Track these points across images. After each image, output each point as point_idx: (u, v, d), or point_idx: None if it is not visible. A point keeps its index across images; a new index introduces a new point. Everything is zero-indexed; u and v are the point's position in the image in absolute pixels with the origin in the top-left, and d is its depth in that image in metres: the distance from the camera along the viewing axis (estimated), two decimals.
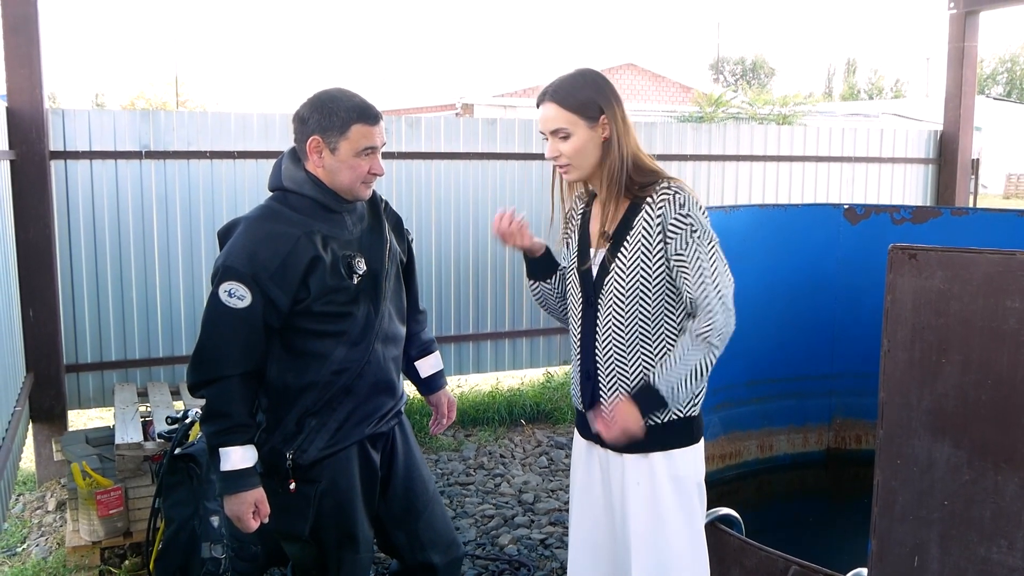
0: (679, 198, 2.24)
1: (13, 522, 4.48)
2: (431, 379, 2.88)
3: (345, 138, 2.39)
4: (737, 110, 18.64)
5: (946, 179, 7.54)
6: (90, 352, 5.16)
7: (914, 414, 1.69)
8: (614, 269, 2.29)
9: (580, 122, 2.29)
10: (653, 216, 2.25)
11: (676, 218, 2.23)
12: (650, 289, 2.27)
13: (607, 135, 2.29)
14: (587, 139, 2.30)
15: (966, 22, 7.13)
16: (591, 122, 2.29)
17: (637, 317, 2.29)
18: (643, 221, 2.26)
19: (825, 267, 4.57)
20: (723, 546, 2.74)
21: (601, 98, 2.29)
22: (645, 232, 2.26)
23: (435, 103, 23.38)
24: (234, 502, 2.36)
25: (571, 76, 2.34)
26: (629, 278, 2.27)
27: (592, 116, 2.29)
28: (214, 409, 2.36)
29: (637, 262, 2.27)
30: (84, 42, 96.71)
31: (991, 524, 1.62)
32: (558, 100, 2.31)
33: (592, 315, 2.36)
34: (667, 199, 2.24)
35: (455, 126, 6.01)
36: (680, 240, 2.23)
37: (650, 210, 2.26)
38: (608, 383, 2.34)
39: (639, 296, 2.28)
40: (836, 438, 4.79)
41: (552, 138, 2.35)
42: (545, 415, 6.11)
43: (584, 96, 2.29)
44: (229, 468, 2.34)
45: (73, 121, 4.99)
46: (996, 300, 1.57)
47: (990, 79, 63.06)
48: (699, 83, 25.80)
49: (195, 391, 2.40)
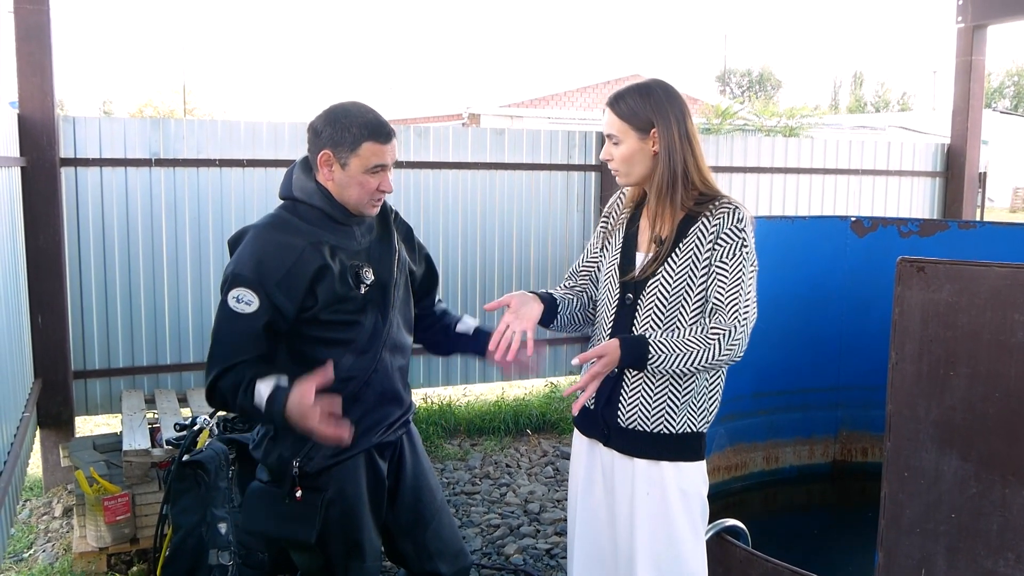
0: (738, 213, 2.28)
1: (20, 528, 4.49)
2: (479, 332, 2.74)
3: (356, 155, 2.41)
4: (744, 122, 18.65)
5: (953, 192, 7.55)
6: (98, 359, 5.18)
7: (922, 427, 1.69)
8: (661, 274, 2.31)
9: (631, 132, 2.31)
10: (708, 228, 2.28)
11: (731, 229, 2.26)
12: (691, 299, 2.29)
13: (657, 149, 2.31)
14: (636, 150, 2.32)
15: (974, 35, 7.14)
16: (642, 134, 2.31)
17: (675, 323, 2.30)
18: (698, 232, 2.29)
19: (832, 279, 4.57)
20: (729, 558, 2.74)
21: (656, 112, 2.30)
22: (698, 243, 2.28)
23: (442, 113, 23.43)
24: (289, 418, 2.28)
25: (635, 85, 2.36)
26: (675, 286, 2.29)
27: (643, 128, 2.31)
28: (232, 385, 2.34)
29: (685, 271, 2.29)
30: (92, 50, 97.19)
31: (998, 537, 1.62)
32: (613, 107, 2.34)
33: (629, 316, 2.36)
34: (726, 212, 2.27)
35: (463, 136, 6.03)
36: (728, 250, 2.25)
37: (706, 222, 2.28)
38: (632, 384, 2.34)
39: (680, 304, 2.29)
40: (842, 450, 4.77)
41: (608, 141, 2.38)
42: (551, 425, 6.10)
43: (638, 108, 2.30)
44: (260, 402, 2.29)
45: (84, 129, 5.03)
46: (1004, 313, 1.57)
47: (997, 93, 63.00)
48: (706, 95, 25.82)
49: (213, 385, 2.37)
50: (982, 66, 7.28)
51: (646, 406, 2.32)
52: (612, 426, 2.37)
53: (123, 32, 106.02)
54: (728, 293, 2.24)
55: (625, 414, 2.34)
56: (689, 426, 2.32)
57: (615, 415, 2.36)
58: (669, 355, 2.21)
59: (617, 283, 2.41)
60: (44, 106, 4.75)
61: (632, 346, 2.23)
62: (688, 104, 2.38)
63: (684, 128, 2.32)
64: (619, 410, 2.36)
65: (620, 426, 2.35)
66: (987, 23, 7.13)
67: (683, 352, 2.21)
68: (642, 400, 2.32)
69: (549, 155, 6.26)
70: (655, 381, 2.31)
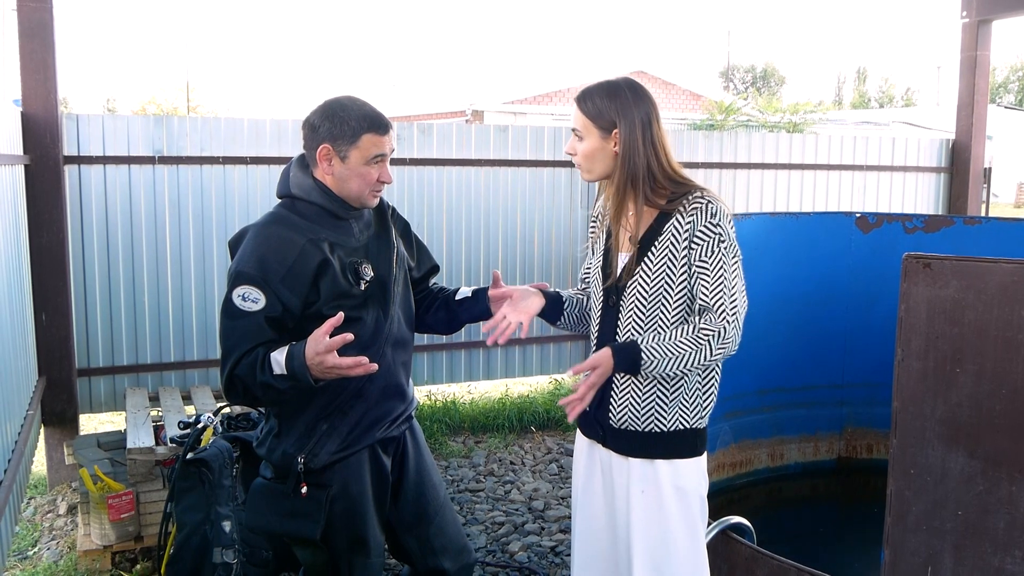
0: (711, 208, 2.25)
1: (24, 526, 4.50)
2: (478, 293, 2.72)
3: (356, 147, 2.41)
4: (747, 118, 18.63)
5: (958, 188, 7.53)
6: (102, 356, 5.18)
7: (928, 424, 1.68)
8: (639, 274, 2.31)
9: (594, 130, 2.31)
10: (683, 224, 2.27)
11: (706, 226, 2.25)
12: (671, 296, 2.29)
13: (617, 149, 2.30)
14: (598, 148, 2.32)
15: (979, 31, 7.12)
16: (604, 133, 2.30)
17: (656, 322, 2.30)
18: (672, 228, 2.28)
19: (837, 276, 4.56)
20: (734, 554, 2.74)
21: (619, 112, 2.28)
22: (673, 240, 2.27)
23: (445, 110, 23.41)
24: (311, 372, 2.27)
25: (604, 84, 2.35)
26: (653, 284, 2.29)
27: (605, 128, 2.30)
28: (249, 367, 2.31)
29: (662, 268, 2.28)
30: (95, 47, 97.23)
31: (1005, 534, 1.61)
32: (580, 103, 2.34)
33: (613, 317, 2.37)
34: (699, 208, 2.26)
35: (467, 133, 6.02)
36: (706, 248, 2.24)
37: (680, 219, 2.27)
38: (621, 385, 2.35)
39: (660, 302, 2.29)
40: (847, 447, 4.77)
41: (573, 135, 2.38)
42: (555, 422, 6.10)
43: (602, 106, 2.29)
44: (279, 368, 2.28)
45: (87, 126, 5.02)
46: (1011, 309, 1.57)
47: (1002, 88, 62.85)
48: (709, 91, 25.77)
49: (231, 378, 2.35)
50: (987, 61, 7.26)
51: (635, 407, 2.33)
52: (606, 427, 2.39)
53: (126, 29, 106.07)
54: (713, 292, 2.23)
55: (616, 415, 2.36)
56: (682, 423, 2.32)
57: (607, 417, 2.38)
58: (662, 359, 2.21)
59: (601, 287, 2.42)
60: (47, 104, 4.75)
61: (624, 353, 2.23)
62: (692, 100, 2.37)
63: (649, 130, 2.29)
64: (611, 412, 2.37)
65: (613, 427, 2.37)
66: (992, 18, 7.11)
67: (675, 355, 2.21)
68: (631, 401, 2.34)
69: (552, 152, 6.25)
70: (643, 382, 2.32)
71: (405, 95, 27.88)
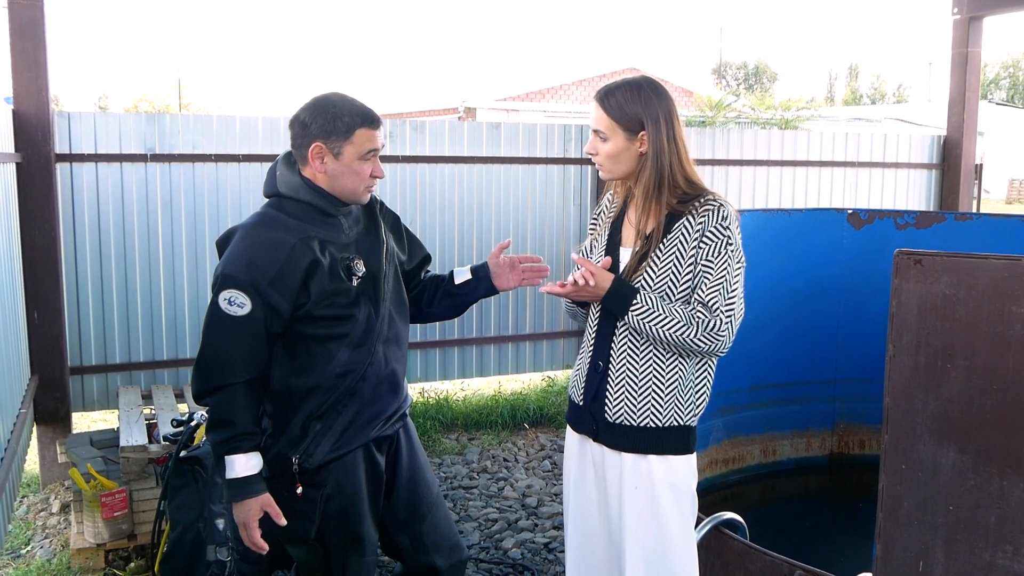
0: (723, 211, 2.28)
1: (17, 524, 4.49)
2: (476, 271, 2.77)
3: (350, 142, 2.41)
4: (739, 114, 18.66)
5: (949, 184, 7.55)
6: (94, 354, 5.17)
7: (919, 419, 1.69)
8: (644, 269, 2.32)
9: (619, 131, 2.31)
10: (694, 225, 2.28)
11: (716, 227, 2.27)
12: (675, 293, 2.30)
13: (644, 150, 2.31)
14: (623, 148, 2.32)
15: (970, 27, 7.14)
16: (630, 134, 2.31)
17: None
18: (683, 228, 2.29)
19: (828, 272, 4.57)
20: (727, 550, 2.74)
21: (647, 114, 2.29)
22: (683, 240, 2.29)
23: (437, 107, 23.40)
24: (240, 509, 2.37)
25: (626, 84, 2.34)
26: (658, 280, 2.30)
27: (632, 129, 2.30)
28: (219, 417, 2.37)
29: (669, 266, 2.29)
30: (87, 45, 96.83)
31: (996, 529, 1.62)
32: (603, 104, 2.33)
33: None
34: (711, 210, 2.28)
35: (459, 130, 6.02)
36: (713, 248, 2.27)
37: (691, 219, 2.29)
38: (617, 378, 2.36)
39: (664, 298, 2.30)
40: (840, 443, 4.78)
41: (593, 135, 2.37)
42: (548, 419, 6.11)
43: (628, 108, 2.29)
44: (234, 476, 2.35)
45: (79, 124, 5.01)
46: (1002, 305, 1.57)
47: (993, 84, 63.02)
48: (701, 87, 25.81)
49: (199, 399, 2.41)
50: (978, 58, 7.28)
51: (631, 400, 2.34)
52: (600, 421, 2.39)
53: (118, 27, 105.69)
54: (712, 290, 2.26)
55: (612, 409, 2.36)
56: (676, 419, 2.33)
57: (602, 410, 2.39)
58: (652, 311, 2.24)
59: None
60: (39, 101, 4.73)
61: (621, 288, 2.28)
62: (684, 97, 2.38)
63: (672, 130, 2.31)
64: (606, 405, 2.38)
65: (607, 421, 2.37)
66: (983, 15, 7.13)
67: (666, 315, 2.24)
68: (627, 394, 2.34)
69: (545, 149, 6.25)
70: (639, 374, 2.33)
71: (397, 92, 27.84)
